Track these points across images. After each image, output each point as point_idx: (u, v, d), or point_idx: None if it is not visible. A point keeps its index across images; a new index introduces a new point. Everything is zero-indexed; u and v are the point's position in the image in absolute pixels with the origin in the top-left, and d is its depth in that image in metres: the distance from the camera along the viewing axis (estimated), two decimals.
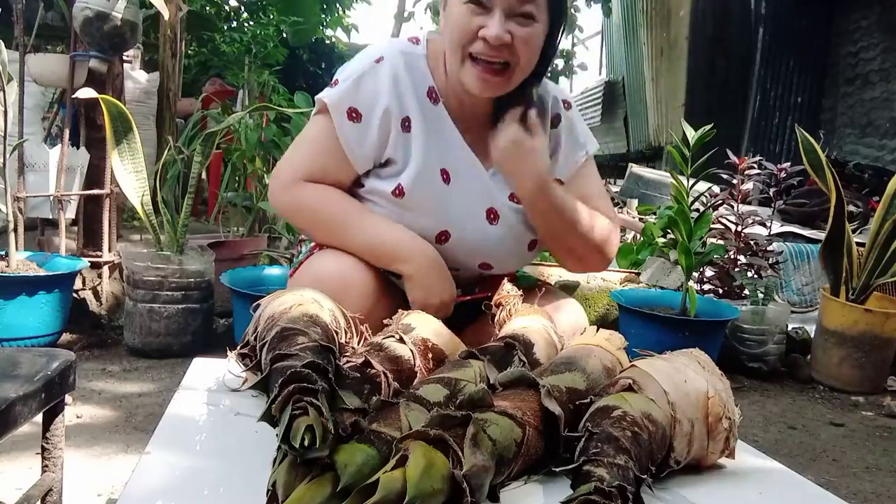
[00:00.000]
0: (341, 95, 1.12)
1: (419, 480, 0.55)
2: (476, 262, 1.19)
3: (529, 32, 1.04)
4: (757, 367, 2.91)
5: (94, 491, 1.57)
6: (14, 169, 2.69)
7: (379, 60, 1.13)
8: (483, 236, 1.16)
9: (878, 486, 1.99)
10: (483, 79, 1.06)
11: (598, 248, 1.21)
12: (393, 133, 1.13)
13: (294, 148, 1.19)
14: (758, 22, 7.09)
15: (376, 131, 1.12)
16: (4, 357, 1.08)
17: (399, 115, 1.12)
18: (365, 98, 1.12)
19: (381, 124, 1.12)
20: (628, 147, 9.47)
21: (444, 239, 1.15)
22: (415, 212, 1.13)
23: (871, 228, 3.00)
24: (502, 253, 1.17)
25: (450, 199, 1.14)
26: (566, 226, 1.16)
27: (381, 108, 1.11)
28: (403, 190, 1.12)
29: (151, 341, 2.60)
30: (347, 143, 1.12)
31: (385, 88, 1.11)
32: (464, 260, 1.18)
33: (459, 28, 1.04)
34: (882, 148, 6.23)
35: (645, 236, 3.77)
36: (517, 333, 0.92)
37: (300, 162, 1.15)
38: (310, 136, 1.17)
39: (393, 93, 1.12)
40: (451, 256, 1.16)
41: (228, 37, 6.95)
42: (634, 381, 0.75)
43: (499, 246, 1.18)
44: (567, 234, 1.18)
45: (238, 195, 4.15)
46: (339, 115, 1.12)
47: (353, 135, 1.12)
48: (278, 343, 0.78)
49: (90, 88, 2.61)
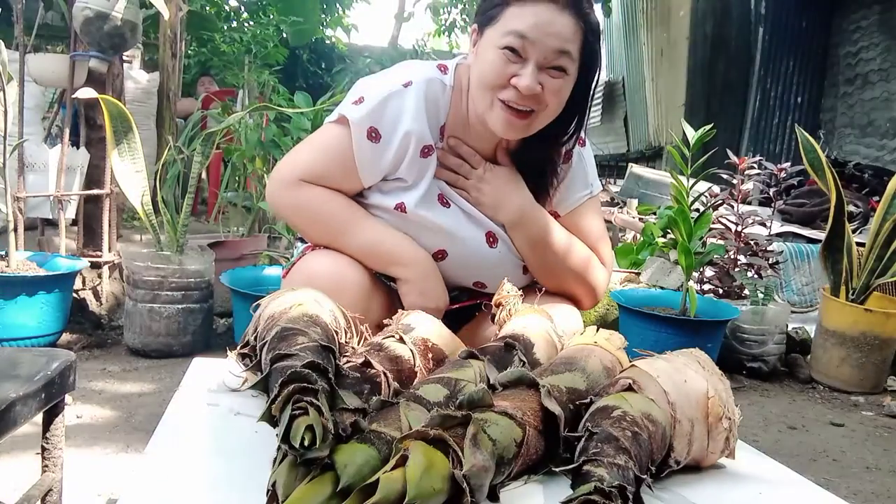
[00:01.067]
0: (364, 115, 1.12)
1: (419, 480, 0.55)
2: (470, 281, 1.21)
3: (560, 84, 1.07)
4: (757, 367, 2.91)
5: (94, 491, 1.57)
6: (14, 169, 2.69)
7: (407, 85, 1.13)
8: (481, 258, 1.18)
9: (878, 486, 1.99)
10: (509, 121, 1.08)
11: (585, 282, 1.22)
12: (409, 156, 1.13)
13: (300, 149, 1.19)
14: (758, 22, 7.09)
15: (393, 154, 1.13)
16: (4, 357, 1.08)
17: (420, 141, 1.13)
18: (388, 121, 1.12)
19: (399, 147, 1.12)
20: (628, 147, 9.47)
21: (441, 257, 1.17)
22: (415, 228, 1.15)
23: (871, 228, 3.00)
24: (498, 274, 1.19)
25: (450, 221, 1.16)
26: (551, 256, 1.19)
27: (403, 132, 1.12)
28: (406, 208, 1.13)
29: (151, 341, 2.60)
30: (362, 160, 1.12)
31: (409, 115, 1.12)
32: (458, 277, 1.20)
33: (493, 73, 1.06)
34: (882, 148, 6.23)
35: (645, 236, 3.77)
36: (517, 333, 0.92)
37: (304, 163, 1.15)
38: (321, 142, 1.17)
39: (416, 120, 1.12)
40: (446, 273, 1.18)
41: (228, 37, 6.95)
42: (634, 381, 0.75)
43: (495, 267, 1.19)
44: (552, 265, 1.21)
45: (238, 195, 4.15)
46: (359, 132, 1.12)
47: (369, 154, 1.12)
48: (278, 343, 0.78)
49: (90, 88, 2.61)
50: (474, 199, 1.18)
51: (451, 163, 1.17)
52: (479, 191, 1.17)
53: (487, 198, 1.17)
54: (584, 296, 1.25)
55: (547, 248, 1.19)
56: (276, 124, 3.63)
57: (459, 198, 1.18)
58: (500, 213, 1.18)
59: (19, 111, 2.79)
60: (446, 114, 1.17)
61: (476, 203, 1.18)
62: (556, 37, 1.02)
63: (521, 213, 1.17)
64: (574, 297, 1.25)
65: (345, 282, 1.09)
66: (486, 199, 1.17)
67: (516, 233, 1.19)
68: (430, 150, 1.15)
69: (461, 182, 1.18)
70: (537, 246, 1.19)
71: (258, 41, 6.76)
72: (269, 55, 6.82)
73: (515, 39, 1.02)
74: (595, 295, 1.25)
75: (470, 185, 1.18)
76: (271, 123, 3.70)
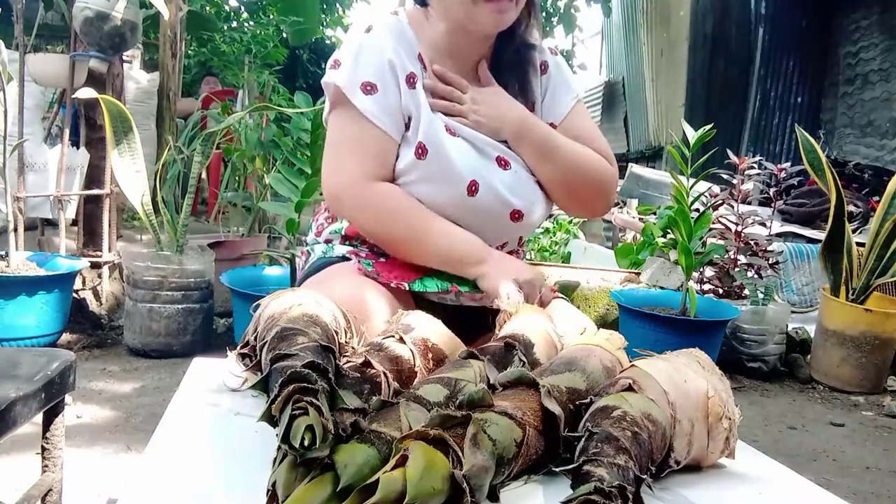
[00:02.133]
0: (349, 75, 1.12)
1: (419, 480, 0.55)
2: (508, 211, 1.18)
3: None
4: (757, 367, 2.91)
5: (94, 491, 1.57)
6: (14, 169, 2.69)
7: (369, 29, 1.15)
8: (505, 181, 1.16)
9: (878, 486, 1.99)
10: (499, 8, 1.09)
11: (598, 183, 1.21)
12: (403, 88, 1.13)
13: (337, 152, 1.15)
14: (758, 22, 7.09)
15: (392, 90, 1.12)
16: (4, 357, 1.08)
17: (403, 71, 1.13)
18: (371, 67, 1.12)
19: (392, 80, 1.13)
20: (628, 147, 9.47)
21: (475, 190, 1.14)
22: (442, 167, 1.12)
23: (871, 228, 3.00)
24: (527, 195, 1.18)
25: (465, 150, 1.15)
26: (560, 161, 1.18)
27: (387, 65, 1.12)
28: (425, 147, 1.12)
29: (151, 341, 2.60)
30: (375, 116, 1.11)
31: (386, 48, 1.13)
32: (497, 210, 1.17)
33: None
34: (882, 148, 6.23)
35: (645, 236, 3.77)
36: (517, 333, 0.92)
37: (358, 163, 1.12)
38: (343, 135, 1.15)
39: (393, 51, 1.13)
40: (484, 209, 1.15)
41: (228, 37, 6.95)
42: (634, 381, 0.75)
43: (521, 188, 1.18)
44: (564, 171, 1.19)
45: (238, 195, 4.15)
46: (355, 94, 1.11)
47: (376, 107, 1.11)
48: (278, 343, 0.77)
49: (90, 88, 2.61)
50: (474, 123, 1.16)
51: (441, 90, 1.16)
52: (476, 112, 1.16)
53: (486, 118, 1.16)
54: (598, 199, 1.24)
55: (555, 154, 1.18)
56: (276, 124, 3.64)
57: (462, 127, 1.16)
58: (502, 131, 1.17)
59: (19, 111, 2.80)
60: (417, 43, 1.17)
61: (476, 125, 1.16)
62: None
63: (521, 123, 1.17)
64: (590, 202, 1.24)
65: (368, 308, 1.04)
66: (484, 120, 1.16)
67: (522, 145, 1.17)
68: (414, 79, 1.14)
69: (456, 108, 1.17)
70: (545, 153, 1.18)
71: (258, 41, 6.76)
72: (269, 55, 6.82)
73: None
74: (608, 197, 1.24)
75: (466, 110, 1.17)
76: (271, 123, 3.71)
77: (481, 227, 1.15)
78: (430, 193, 1.13)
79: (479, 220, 1.15)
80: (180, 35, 4.20)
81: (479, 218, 1.15)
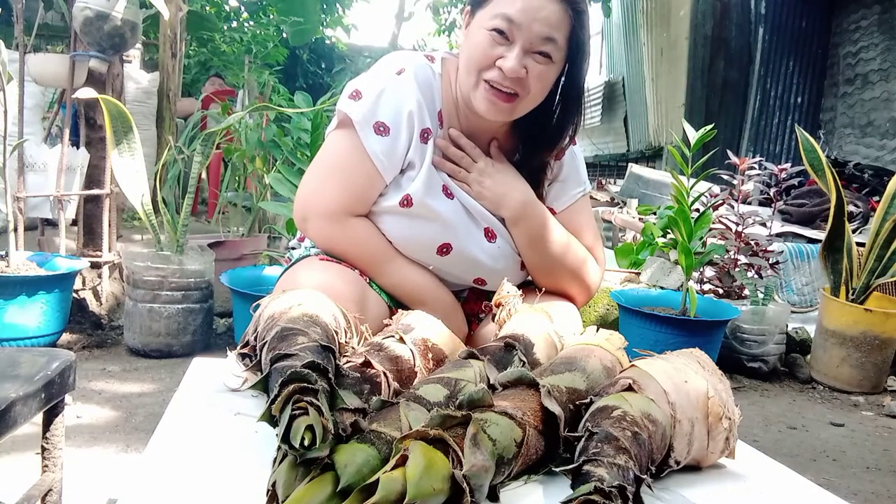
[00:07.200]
0: (366, 112, 1.12)
1: (419, 480, 0.55)
2: (472, 277, 1.22)
3: (543, 71, 1.08)
4: (757, 367, 2.91)
5: (94, 491, 1.57)
6: (14, 169, 2.69)
7: (400, 72, 1.14)
8: (481, 252, 1.18)
9: (878, 486, 1.99)
10: (491, 101, 1.09)
11: (580, 280, 1.23)
12: (414, 139, 1.14)
13: (324, 174, 1.16)
14: (758, 22, 7.09)
15: (405, 140, 1.13)
16: (4, 357, 1.08)
17: (420, 124, 1.14)
18: (390, 111, 1.12)
19: (406, 130, 1.13)
20: (628, 147, 9.47)
21: (446, 251, 1.16)
22: (421, 221, 1.14)
23: (871, 228, 3.00)
24: (498, 269, 1.20)
25: (452, 213, 1.16)
26: (549, 252, 1.20)
27: (406, 114, 1.12)
28: (412, 200, 1.13)
29: (151, 341, 2.60)
30: (377, 156, 1.12)
31: (408, 98, 1.13)
32: (461, 274, 1.20)
33: (480, 53, 1.07)
34: (882, 148, 6.23)
35: (645, 236, 3.77)
36: (517, 333, 0.92)
37: (339, 195, 1.13)
38: (338, 162, 1.15)
39: (415, 102, 1.13)
40: (450, 270, 1.19)
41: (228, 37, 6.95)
42: (634, 381, 0.75)
43: (495, 263, 1.20)
44: (550, 261, 1.21)
45: (238, 195, 4.15)
46: (366, 131, 1.12)
47: (382, 148, 1.12)
48: (278, 343, 0.77)
49: (90, 88, 2.61)
50: (476, 193, 1.18)
51: (452, 153, 1.17)
52: (480, 184, 1.17)
53: (489, 192, 1.18)
54: (578, 294, 1.25)
55: (546, 245, 1.19)
56: (276, 124, 3.63)
57: (461, 191, 1.18)
58: (502, 208, 1.18)
59: (19, 111, 2.80)
60: (441, 99, 1.17)
61: (478, 196, 1.18)
62: (543, 22, 1.04)
63: (522, 208, 1.18)
64: (568, 294, 1.25)
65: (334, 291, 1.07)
66: (487, 193, 1.18)
67: (517, 228, 1.19)
68: (429, 135, 1.15)
69: (462, 175, 1.18)
70: (537, 241, 1.19)
71: (258, 41, 6.77)
72: (269, 55, 6.83)
73: (503, 22, 1.04)
74: (589, 293, 1.26)
75: (472, 179, 1.18)
76: (271, 123, 3.70)
77: (444, 278, 1.20)
78: (400, 237, 1.16)
79: (442, 273, 1.20)
80: (180, 35, 4.20)
81: (442, 272, 1.20)
